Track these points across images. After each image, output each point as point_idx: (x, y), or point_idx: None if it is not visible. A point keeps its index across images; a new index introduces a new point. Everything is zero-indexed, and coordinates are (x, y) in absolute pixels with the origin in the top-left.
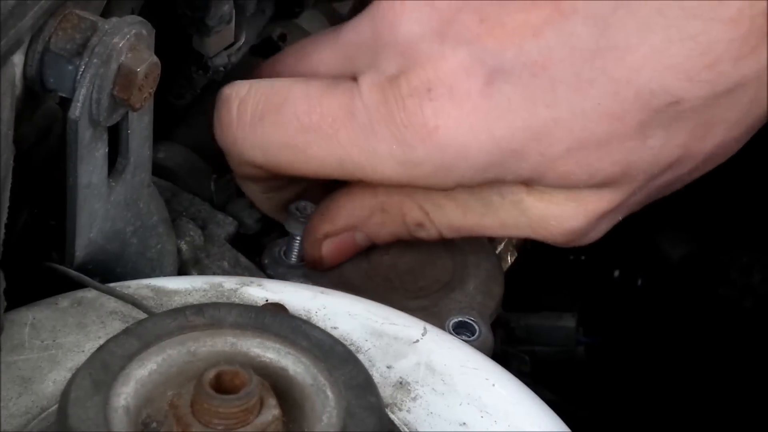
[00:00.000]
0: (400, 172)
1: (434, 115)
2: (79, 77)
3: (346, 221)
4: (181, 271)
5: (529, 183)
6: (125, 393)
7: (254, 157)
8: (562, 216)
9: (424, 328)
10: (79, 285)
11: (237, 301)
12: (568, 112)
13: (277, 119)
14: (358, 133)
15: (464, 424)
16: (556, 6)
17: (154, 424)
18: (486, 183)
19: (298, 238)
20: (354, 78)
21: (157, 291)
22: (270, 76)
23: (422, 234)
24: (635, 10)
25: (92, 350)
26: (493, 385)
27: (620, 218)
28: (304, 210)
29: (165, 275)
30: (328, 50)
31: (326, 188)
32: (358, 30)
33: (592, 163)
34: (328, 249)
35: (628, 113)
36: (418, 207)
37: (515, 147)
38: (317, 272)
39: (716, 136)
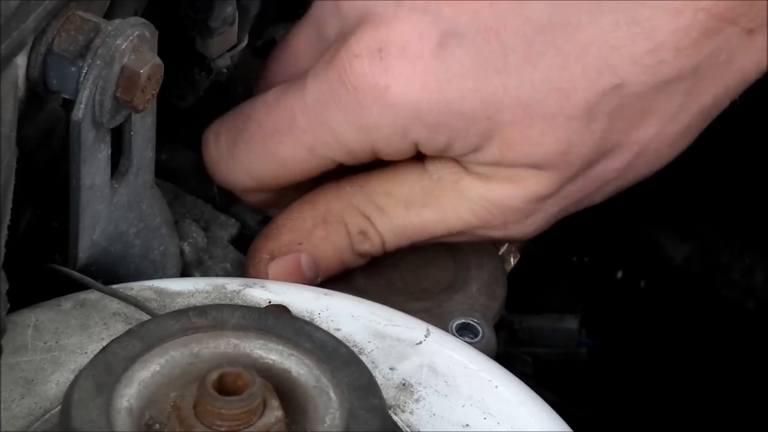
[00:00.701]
0: (361, 139)
1: (385, 73)
2: (82, 79)
3: (289, 236)
4: (184, 272)
5: (472, 156)
6: (128, 394)
7: (244, 182)
8: (501, 195)
9: (427, 330)
10: (82, 286)
11: (240, 302)
12: (518, 80)
13: (245, 137)
14: (313, 112)
15: (467, 425)
16: None
17: (157, 426)
18: (438, 152)
19: None
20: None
21: (160, 293)
22: (265, 87)
23: (366, 246)
24: None
25: (95, 352)
26: (496, 386)
27: (557, 211)
28: None
29: (168, 277)
30: (302, 35)
31: None
32: (320, 4)
33: (536, 136)
34: (274, 273)
35: (575, 90)
36: (360, 213)
37: (465, 110)
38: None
39: (651, 126)
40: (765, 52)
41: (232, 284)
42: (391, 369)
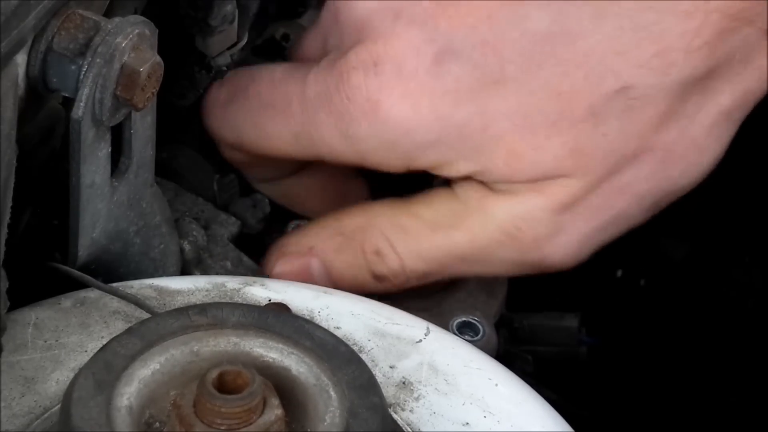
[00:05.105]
0: (346, 146)
1: (378, 89)
2: (82, 77)
3: (301, 238)
4: (184, 271)
5: (481, 176)
6: (128, 393)
7: (226, 136)
8: (525, 208)
9: (427, 328)
10: (82, 285)
11: (240, 300)
12: (516, 88)
13: (243, 98)
14: (307, 106)
15: (467, 424)
16: None
17: (157, 424)
18: (431, 170)
19: None
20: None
21: (160, 291)
22: None
23: (382, 268)
24: None
25: (95, 350)
26: (496, 385)
27: (591, 230)
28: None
29: (168, 275)
30: (309, 39)
31: (324, 197)
32: (325, 14)
33: (540, 141)
34: (280, 271)
35: (577, 94)
36: (380, 233)
37: (458, 122)
38: None
39: (671, 128)
40: None
41: (232, 282)
42: (391, 367)
